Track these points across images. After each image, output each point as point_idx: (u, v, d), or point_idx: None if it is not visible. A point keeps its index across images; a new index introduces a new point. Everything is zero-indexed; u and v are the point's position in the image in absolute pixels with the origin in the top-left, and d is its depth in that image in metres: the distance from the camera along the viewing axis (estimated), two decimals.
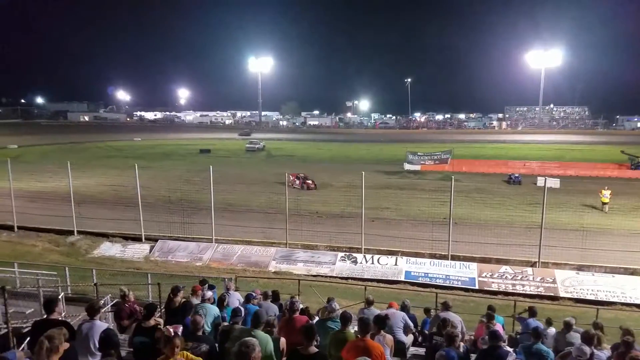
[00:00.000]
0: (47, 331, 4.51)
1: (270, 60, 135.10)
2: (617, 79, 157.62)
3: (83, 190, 26.42)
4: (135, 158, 47.50)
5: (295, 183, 32.26)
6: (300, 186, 32.08)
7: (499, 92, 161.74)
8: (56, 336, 4.42)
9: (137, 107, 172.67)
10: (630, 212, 19.64)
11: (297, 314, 7.11)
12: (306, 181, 32.72)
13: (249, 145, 66.99)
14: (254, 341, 4.11)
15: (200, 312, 7.36)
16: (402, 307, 9.16)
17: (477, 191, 30.56)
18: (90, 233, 20.25)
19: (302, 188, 31.84)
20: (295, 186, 31.90)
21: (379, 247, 18.06)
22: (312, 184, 32.68)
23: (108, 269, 15.64)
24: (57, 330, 4.55)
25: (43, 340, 4.32)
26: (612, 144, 67.84)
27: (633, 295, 14.32)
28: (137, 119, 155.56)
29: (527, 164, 45.48)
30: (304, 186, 32.17)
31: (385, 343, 6.14)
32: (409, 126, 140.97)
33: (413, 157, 44.76)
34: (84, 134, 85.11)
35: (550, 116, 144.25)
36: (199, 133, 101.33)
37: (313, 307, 10.44)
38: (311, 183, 32.71)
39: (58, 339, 4.41)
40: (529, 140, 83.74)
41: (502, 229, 19.92)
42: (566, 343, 7.28)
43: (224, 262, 17.80)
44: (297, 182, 32.42)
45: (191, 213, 20.95)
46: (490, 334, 6.38)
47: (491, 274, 15.88)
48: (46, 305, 6.08)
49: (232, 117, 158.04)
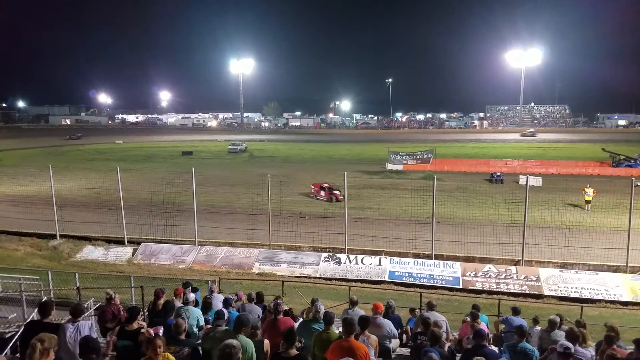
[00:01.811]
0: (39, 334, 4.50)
1: (252, 62, 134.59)
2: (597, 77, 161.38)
3: (65, 194, 25.92)
4: (117, 160, 46.93)
5: (319, 194, 29.41)
6: (327, 198, 28.85)
7: (480, 92, 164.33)
8: (47, 340, 4.44)
9: (119, 110, 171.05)
10: (612, 209, 19.95)
11: (281, 315, 7.05)
12: (333, 192, 29.07)
13: (231, 147, 66.68)
14: (237, 342, 4.07)
15: (183, 314, 7.27)
16: (386, 307, 9.13)
17: (460, 190, 30.81)
18: (72, 237, 19.97)
19: (331, 200, 28.46)
20: (320, 198, 29.18)
21: (363, 247, 18.06)
22: (340, 194, 27.96)
23: (91, 273, 15.39)
24: (49, 335, 4.57)
25: (36, 343, 4.33)
26: (593, 142, 69.19)
27: (616, 293, 14.51)
28: (119, 121, 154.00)
29: (508, 163, 46.10)
30: (332, 198, 28.65)
31: (370, 344, 6.11)
32: (391, 126, 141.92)
33: (395, 156, 44.94)
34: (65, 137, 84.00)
35: (531, 115, 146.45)
36: (181, 135, 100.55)
37: (297, 309, 10.38)
38: (339, 194, 28.06)
39: (48, 343, 4.43)
40: (510, 139, 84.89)
41: (485, 227, 20.09)
42: (551, 341, 7.33)
43: (207, 264, 17.63)
44: (323, 194, 29.23)
45: (174, 215, 20.73)
46: (475, 333, 6.40)
47: (475, 273, 15.98)
48: (42, 308, 6.18)
49: (214, 118, 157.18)
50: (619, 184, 20.79)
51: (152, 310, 8.68)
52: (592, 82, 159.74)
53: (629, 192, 15.77)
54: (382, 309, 8.05)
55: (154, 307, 8.64)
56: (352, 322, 5.66)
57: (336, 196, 28.40)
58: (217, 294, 10.28)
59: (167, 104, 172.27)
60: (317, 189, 29.68)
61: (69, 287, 12.54)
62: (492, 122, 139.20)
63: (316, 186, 30.01)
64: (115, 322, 7.92)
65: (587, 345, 6.99)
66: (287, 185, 31.12)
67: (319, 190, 29.50)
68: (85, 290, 11.86)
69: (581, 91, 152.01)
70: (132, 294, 12.58)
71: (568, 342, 5.66)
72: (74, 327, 5.97)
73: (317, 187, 29.86)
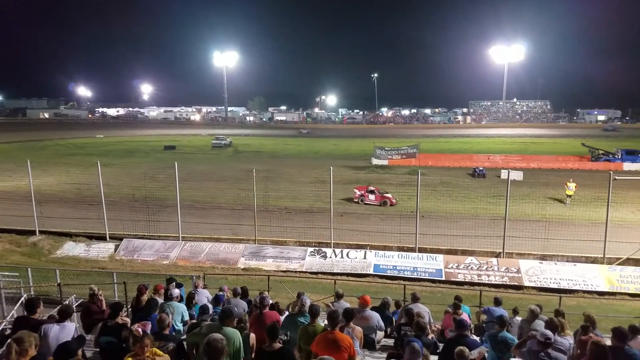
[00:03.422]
0: (17, 333, 4.50)
1: (236, 55, 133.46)
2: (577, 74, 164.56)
3: (44, 189, 25.56)
4: (98, 155, 46.22)
5: (367, 198, 26.54)
6: (380, 202, 25.88)
7: (464, 87, 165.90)
8: (26, 339, 4.41)
9: (99, 104, 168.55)
10: (591, 202, 20.38)
11: (267, 309, 7.08)
12: (385, 195, 26.36)
13: (215, 141, 66.04)
14: (222, 336, 4.10)
15: (167, 310, 7.25)
16: (382, 304, 9.19)
17: (443, 184, 31.13)
18: (52, 233, 19.68)
19: (383, 204, 25.70)
20: (369, 202, 26.30)
21: (348, 242, 18.19)
22: (393, 197, 26.24)
23: (72, 269, 15.18)
24: (27, 333, 4.55)
25: (12, 344, 4.30)
26: (573, 137, 70.32)
27: (594, 283, 14.88)
28: (99, 115, 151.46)
29: (491, 158, 46.58)
30: (387, 202, 25.97)
31: (355, 335, 6.18)
32: (376, 121, 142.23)
33: (381, 152, 45.15)
34: (44, 132, 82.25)
35: (513, 110, 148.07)
36: (163, 129, 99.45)
37: (283, 303, 10.43)
38: (392, 197, 26.26)
39: (28, 342, 4.40)
40: (492, 134, 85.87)
41: (468, 221, 20.36)
42: (531, 331, 7.50)
43: (192, 260, 17.55)
44: (373, 198, 26.33)
45: (157, 211, 20.54)
46: (457, 323, 6.51)
47: (457, 265, 16.22)
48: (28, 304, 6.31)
49: (198, 112, 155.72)
50: (598, 178, 21.28)
51: (135, 305, 8.64)
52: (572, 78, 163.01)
53: (607, 186, 16.12)
54: (370, 303, 8.13)
55: (137, 303, 8.60)
56: (337, 315, 5.72)
57: (389, 200, 26.01)
58: (201, 289, 10.29)
59: (148, 98, 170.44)
60: (365, 193, 26.85)
61: (49, 284, 12.38)
62: (476, 118, 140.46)
63: (362, 189, 27.27)
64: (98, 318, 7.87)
65: (566, 334, 7.18)
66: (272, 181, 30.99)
67: (367, 194, 26.72)
68: (67, 287, 11.73)
69: (562, 87, 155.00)
70: (114, 291, 12.48)
71: (547, 330, 5.79)
72: (60, 327, 5.91)
73: (363, 191, 27.05)
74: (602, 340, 5.61)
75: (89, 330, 7.96)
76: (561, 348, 6.29)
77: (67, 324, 6.03)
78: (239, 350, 5.11)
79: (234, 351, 5.03)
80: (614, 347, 5.65)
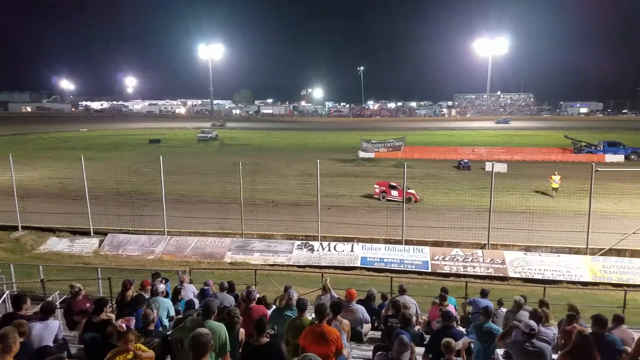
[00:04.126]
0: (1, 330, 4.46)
1: (221, 47, 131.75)
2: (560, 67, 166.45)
3: (27, 184, 25.10)
4: (82, 149, 45.59)
5: (389, 195, 25.17)
6: (401, 198, 21.65)
7: (449, 80, 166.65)
8: (10, 335, 4.38)
9: (83, 97, 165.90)
10: (574, 194, 20.66)
11: (253, 303, 7.06)
12: (408, 191, 22.85)
13: (201, 135, 65.27)
14: (207, 330, 4.07)
15: (153, 305, 7.19)
16: (367, 297, 9.22)
17: (429, 177, 31.28)
18: (35, 228, 19.41)
19: (408, 201, 21.94)
20: (391, 198, 24.78)
21: (336, 235, 18.25)
22: (416, 194, 24.77)
23: (56, 265, 14.98)
24: (12, 328, 4.52)
25: None
26: (556, 129, 71.15)
27: (577, 274, 15.12)
28: (83, 108, 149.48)
29: (475, 150, 46.95)
30: (411, 198, 23.66)
31: (342, 328, 6.19)
32: (363, 114, 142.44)
33: (367, 144, 45.19)
34: (26, 125, 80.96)
35: (497, 103, 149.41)
36: (148, 122, 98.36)
37: (270, 297, 10.42)
38: (415, 193, 24.75)
39: (12, 339, 4.38)
40: (477, 127, 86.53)
41: (453, 213, 20.49)
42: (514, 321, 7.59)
43: (178, 255, 17.43)
44: (396, 194, 24.56)
45: (142, 205, 20.30)
46: (442, 315, 6.57)
47: (443, 256, 16.35)
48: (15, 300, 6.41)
49: (183, 105, 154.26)
50: (580, 170, 21.52)
51: (120, 301, 8.55)
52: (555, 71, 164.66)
53: (589, 177, 16.34)
54: (356, 297, 8.15)
55: (122, 298, 8.52)
56: (324, 308, 5.72)
57: (414, 196, 24.33)
58: (187, 284, 10.23)
59: (133, 91, 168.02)
60: (387, 189, 25.51)
61: (32, 280, 12.22)
62: (460, 111, 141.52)
63: (383, 185, 25.91)
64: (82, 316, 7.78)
65: (550, 324, 7.29)
66: (259, 174, 30.84)
67: (389, 189, 25.45)
68: (51, 283, 11.59)
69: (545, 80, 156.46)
70: (99, 286, 12.37)
71: (531, 321, 5.86)
72: (43, 325, 5.85)
73: (385, 187, 25.70)
74: (586, 329, 5.70)
75: (73, 327, 7.87)
76: (545, 338, 6.38)
77: (51, 322, 5.97)
78: (225, 344, 5.08)
79: (220, 345, 5.00)
80: (594, 333, 5.76)
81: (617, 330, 6.51)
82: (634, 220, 17.85)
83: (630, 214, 19.69)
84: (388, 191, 25.45)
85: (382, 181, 26.77)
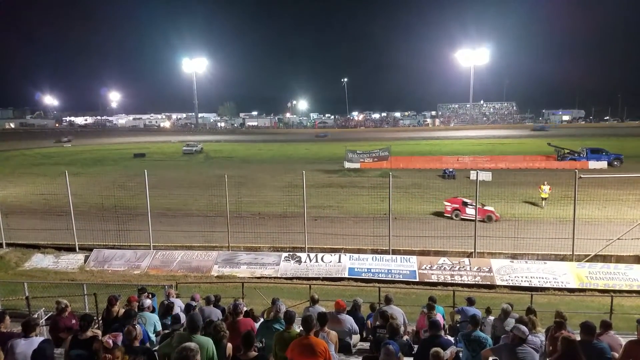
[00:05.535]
0: None
1: (205, 61, 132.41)
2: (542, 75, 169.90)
3: (10, 201, 24.76)
4: (66, 165, 45.07)
5: (464, 213, 22.32)
6: (483, 218, 20.58)
7: (432, 90, 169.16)
8: None
9: (66, 112, 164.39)
10: (558, 201, 20.94)
11: (241, 316, 7.00)
12: (486, 209, 21.59)
13: (186, 148, 65.03)
14: (194, 345, 4.03)
15: (139, 321, 7.09)
16: (353, 306, 9.19)
17: (415, 186, 31.47)
18: (20, 245, 19.17)
19: (487, 220, 20.99)
20: (466, 216, 21.81)
21: (323, 246, 18.20)
22: (495, 212, 21.95)
23: (41, 282, 14.77)
24: None
25: None
26: (539, 137, 72.24)
27: (564, 280, 15.22)
28: (67, 124, 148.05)
29: (460, 159, 47.33)
30: (492, 217, 21.48)
31: (330, 339, 6.17)
32: (347, 125, 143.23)
33: (352, 155, 45.33)
34: (9, 142, 79.89)
35: (480, 112, 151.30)
36: (133, 137, 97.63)
37: (258, 309, 10.33)
38: (494, 211, 21.93)
39: None
40: (461, 136, 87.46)
41: (439, 221, 20.64)
42: (503, 329, 7.63)
43: (164, 269, 17.23)
44: (472, 212, 19.67)
45: (127, 220, 20.10)
46: (430, 324, 6.57)
47: (430, 265, 16.39)
48: None
49: (168, 119, 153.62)
50: (564, 177, 21.77)
51: (106, 317, 8.42)
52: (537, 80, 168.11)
53: (573, 184, 16.57)
54: (345, 307, 8.13)
55: (108, 315, 8.38)
56: (311, 319, 5.70)
57: (493, 214, 21.76)
58: (174, 298, 10.10)
59: (117, 105, 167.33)
60: (460, 206, 22.72)
61: (17, 297, 12.00)
62: (444, 120, 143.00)
63: (456, 202, 23.14)
64: (68, 332, 7.63)
65: (537, 331, 7.33)
66: (244, 186, 30.72)
67: (463, 207, 22.57)
68: (36, 300, 11.40)
69: (527, 88, 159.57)
70: (85, 302, 12.21)
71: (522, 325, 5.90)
72: (27, 342, 5.72)
73: (458, 204, 22.91)
74: (572, 335, 5.75)
75: (59, 344, 7.71)
76: (532, 346, 6.41)
77: (35, 339, 5.83)
78: (212, 358, 5.02)
79: (208, 357, 4.95)
80: (583, 341, 5.79)
81: (605, 337, 6.57)
82: (618, 225, 18.04)
83: (615, 220, 19.91)
84: (462, 209, 22.57)
85: (453, 198, 23.89)
